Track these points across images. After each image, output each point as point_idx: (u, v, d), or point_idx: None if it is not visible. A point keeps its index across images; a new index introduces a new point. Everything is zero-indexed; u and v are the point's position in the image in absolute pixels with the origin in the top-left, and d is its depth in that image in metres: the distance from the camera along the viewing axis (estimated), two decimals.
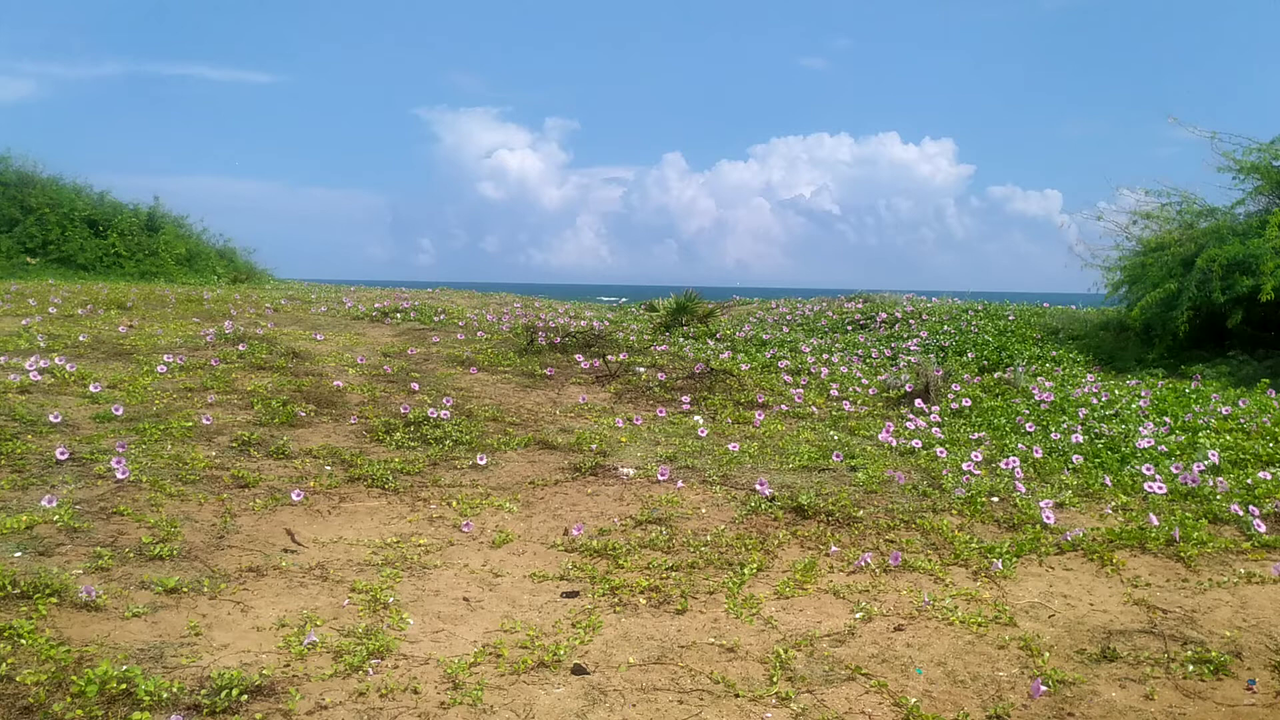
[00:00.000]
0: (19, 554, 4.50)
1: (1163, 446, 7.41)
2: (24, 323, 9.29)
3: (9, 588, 4.06)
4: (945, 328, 13.70)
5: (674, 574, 4.96)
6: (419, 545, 5.22)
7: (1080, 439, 7.69)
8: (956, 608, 4.65)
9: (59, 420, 6.27)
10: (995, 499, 6.27)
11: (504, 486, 6.25)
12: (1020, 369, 10.75)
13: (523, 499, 6.04)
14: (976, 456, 7.08)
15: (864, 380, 10.12)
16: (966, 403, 8.99)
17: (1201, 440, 7.53)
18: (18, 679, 3.42)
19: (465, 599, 4.60)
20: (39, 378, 7.04)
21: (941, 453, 7.23)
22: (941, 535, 5.60)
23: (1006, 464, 6.98)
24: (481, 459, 6.64)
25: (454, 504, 5.87)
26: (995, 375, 10.50)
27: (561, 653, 4.00)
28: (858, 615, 4.56)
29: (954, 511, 6.04)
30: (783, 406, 8.73)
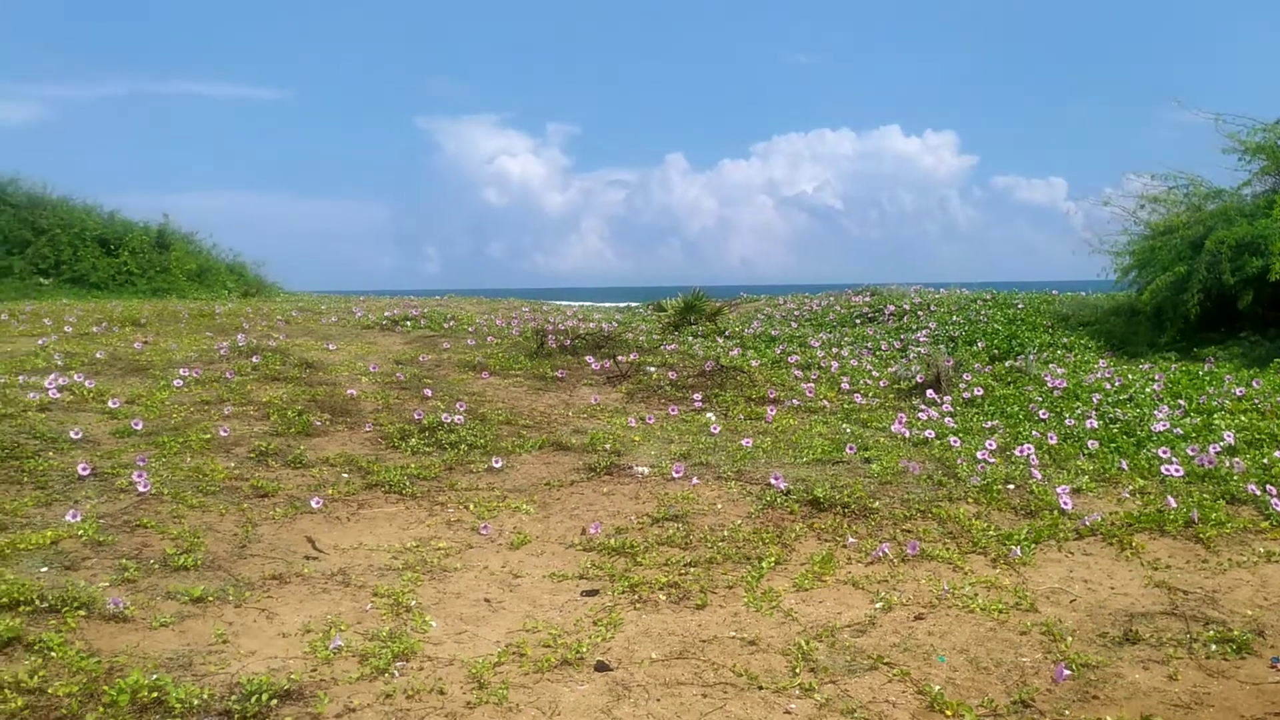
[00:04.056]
0: (45, 569, 4.55)
1: (1178, 429, 7.41)
2: (40, 342, 9.37)
3: (37, 602, 4.11)
4: (954, 318, 13.70)
5: (692, 570, 4.98)
6: (438, 549, 5.25)
7: (1095, 424, 7.69)
8: (977, 595, 4.67)
9: (80, 436, 6.32)
10: (1011, 486, 6.28)
11: (520, 488, 6.28)
12: (1031, 356, 10.75)
13: (539, 500, 6.08)
14: (991, 445, 7.09)
15: (874, 373, 10.13)
16: (978, 392, 8.99)
17: (1216, 422, 7.53)
18: (50, 691, 3.46)
19: (486, 600, 4.63)
20: (58, 395, 7.10)
21: (955, 442, 7.24)
22: (959, 524, 5.62)
23: (1021, 451, 6.98)
24: (497, 462, 6.67)
25: (471, 507, 5.90)
26: (1006, 364, 10.50)
27: (584, 650, 4.03)
28: (878, 605, 4.58)
29: (970, 500, 6.05)
30: (794, 401, 8.74)
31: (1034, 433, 7.55)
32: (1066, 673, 3.86)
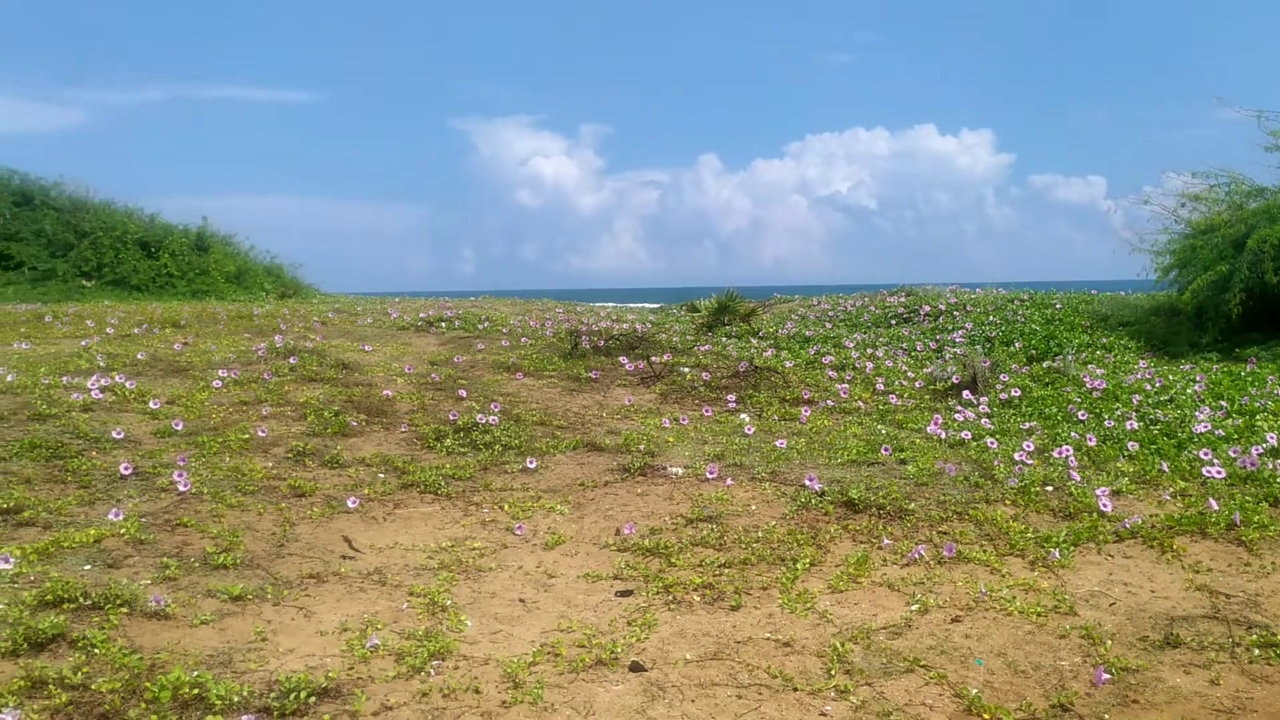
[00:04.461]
0: (89, 567, 4.62)
1: (1220, 431, 7.30)
2: (84, 343, 9.52)
3: (81, 599, 4.18)
4: (991, 318, 13.58)
5: (727, 571, 4.98)
6: (473, 549, 5.28)
7: (1135, 426, 7.59)
8: (1015, 598, 4.62)
9: (122, 436, 6.42)
10: (1050, 488, 6.21)
11: (554, 489, 6.31)
12: (1070, 357, 10.63)
13: (573, 501, 6.09)
14: (1028, 446, 7.02)
15: (910, 374, 10.06)
16: (1016, 393, 8.91)
17: (1259, 423, 7.41)
18: (93, 687, 3.52)
19: (521, 600, 4.65)
20: (101, 396, 7.22)
21: (992, 443, 7.17)
22: (996, 526, 5.57)
23: (1060, 453, 6.91)
24: (531, 463, 6.70)
25: (506, 507, 5.93)
26: (1044, 364, 10.39)
27: (619, 650, 4.04)
28: (914, 607, 4.55)
29: (1008, 502, 6.00)
30: (828, 402, 8.71)
31: (1073, 434, 7.47)
32: (1106, 676, 3.81)
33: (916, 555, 5.14)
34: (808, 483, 6.15)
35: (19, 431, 6.29)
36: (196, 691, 3.48)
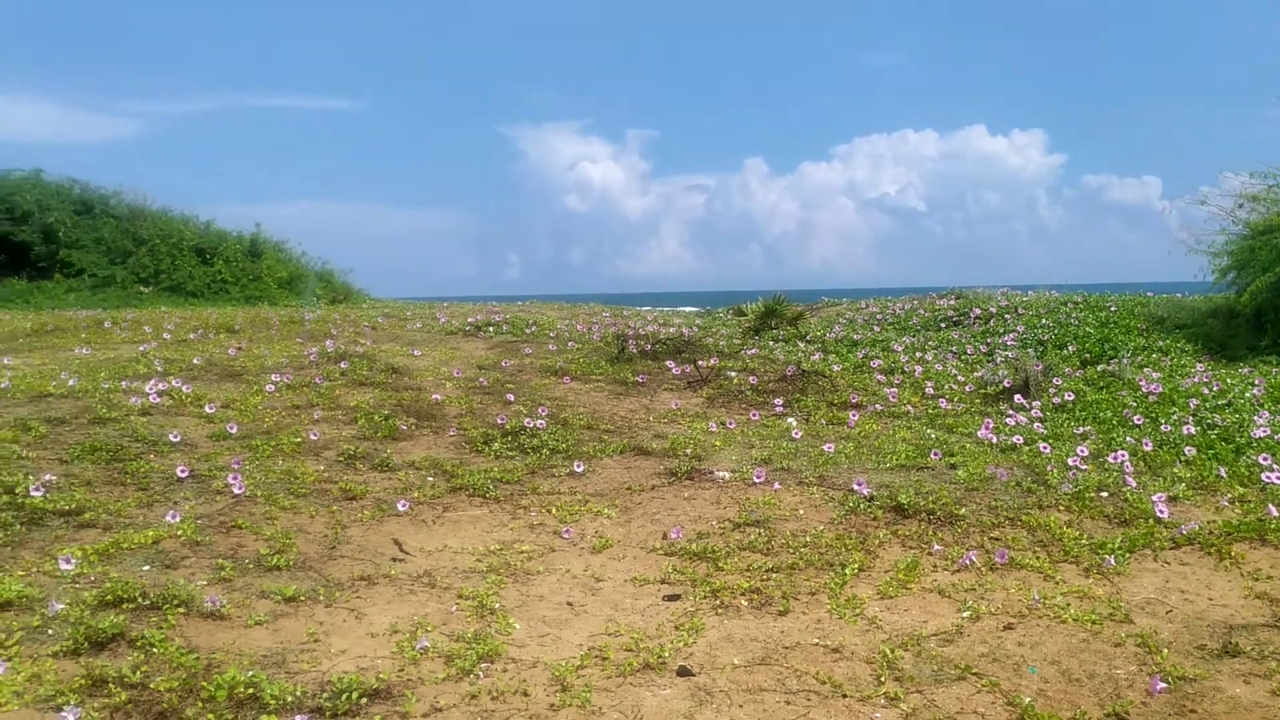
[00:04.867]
0: (147, 567, 4.72)
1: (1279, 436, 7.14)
2: (141, 349, 9.72)
3: (139, 599, 4.27)
4: (1043, 321, 13.39)
5: (774, 575, 4.96)
6: (521, 552, 5.31)
7: (1192, 430, 7.44)
8: (1068, 605, 4.56)
9: (178, 440, 6.54)
10: (1104, 494, 6.11)
11: (602, 493, 6.32)
12: (1125, 360, 10.45)
13: (620, 504, 6.10)
14: (1082, 451, 6.91)
15: (960, 377, 9.95)
16: (1069, 397, 8.78)
17: None
18: (152, 686, 3.59)
19: (569, 603, 4.67)
20: (158, 400, 7.36)
21: (1045, 448, 7.07)
22: (1049, 532, 5.49)
23: (1114, 458, 6.79)
24: (578, 466, 6.72)
25: (553, 511, 5.96)
26: (1098, 368, 10.22)
27: (666, 655, 4.04)
28: (965, 614, 4.50)
29: (1061, 507, 5.91)
30: (877, 406, 8.64)
31: (1128, 439, 7.34)
32: (1162, 685, 3.75)
33: (968, 561, 5.08)
34: (856, 487, 6.11)
35: (80, 435, 6.44)
36: (251, 691, 3.54)
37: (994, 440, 7.40)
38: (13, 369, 8.33)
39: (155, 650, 3.86)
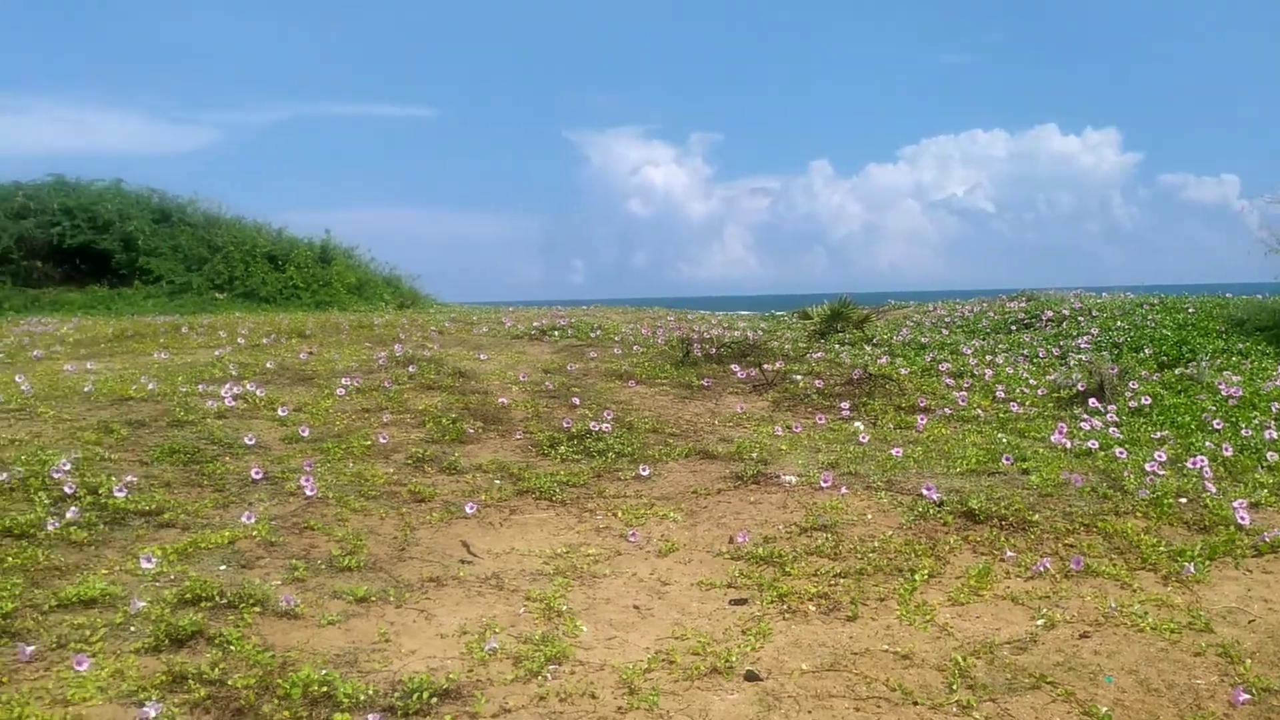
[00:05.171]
0: (224, 567, 4.83)
1: None
2: (217, 353, 9.95)
3: (217, 598, 4.37)
4: (1118, 323, 13.08)
5: (842, 581, 4.91)
6: (588, 555, 5.33)
7: (1274, 435, 7.22)
8: (1146, 614, 4.45)
9: (253, 442, 6.68)
10: (1183, 500, 5.95)
11: (667, 496, 6.32)
12: (1204, 363, 10.16)
13: (686, 508, 6.10)
14: (1160, 456, 6.74)
15: (1032, 381, 9.76)
16: (1146, 400, 8.56)
17: None
18: (229, 683, 3.68)
19: (635, 606, 4.67)
20: (233, 403, 7.53)
21: (1121, 453, 6.90)
22: (1126, 539, 5.36)
23: (1193, 463, 6.61)
24: (644, 470, 6.73)
25: (619, 514, 5.97)
26: (1176, 371, 9.96)
27: (733, 659, 4.03)
28: (1039, 622, 4.42)
29: (1138, 514, 5.77)
30: (946, 410, 8.51)
31: (1207, 444, 7.14)
32: (1245, 696, 3.64)
33: (1041, 568, 4.98)
34: (925, 492, 6.02)
35: (160, 437, 6.61)
36: (325, 689, 3.60)
37: (1068, 445, 7.25)
38: (96, 373, 8.58)
39: (233, 648, 3.95)
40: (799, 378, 9.63)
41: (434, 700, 3.60)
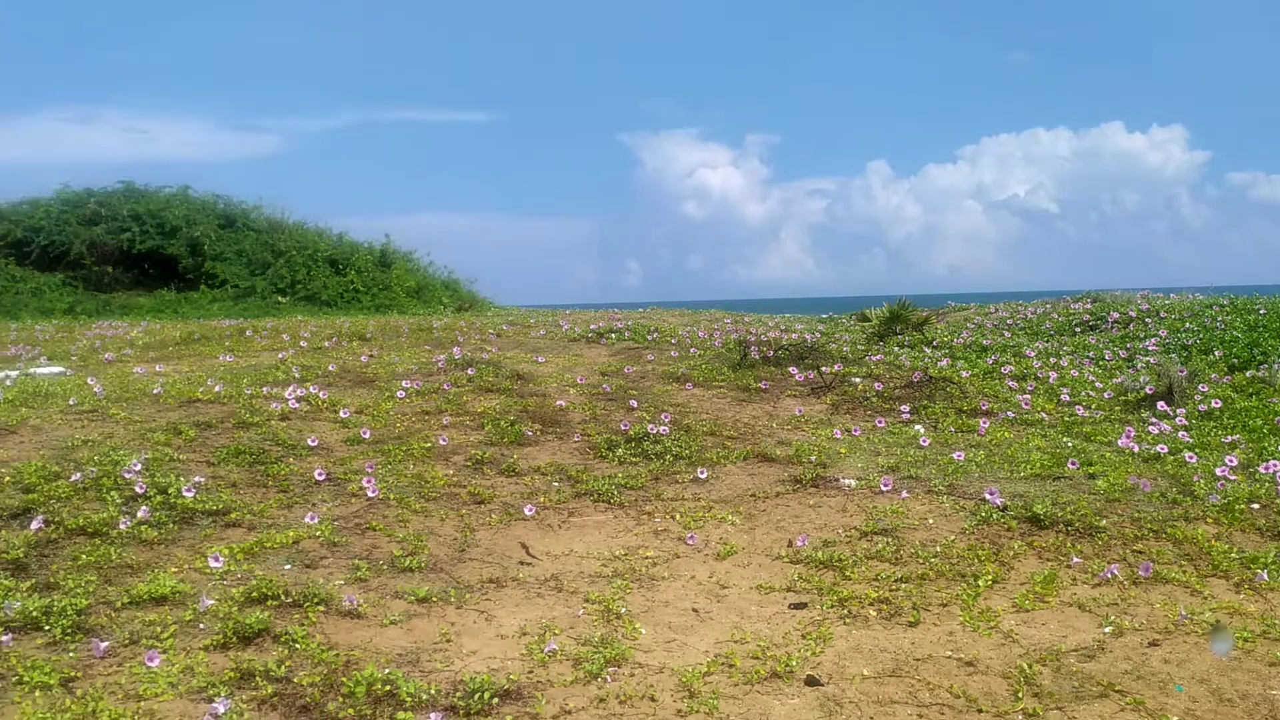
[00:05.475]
0: (288, 566, 4.91)
1: None
2: (280, 356, 10.13)
3: (282, 597, 4.45)
4: (1187, 325, 12.78)
5: (904, 585, 4.86)
6: (646, 558, 5.33)
7: None
8: (1218, 622, 4.33)
9: (315, 444, 6.79)
10: (1255, 506, 5.80)
11: (725, 499, 6.30)
12: (1276, 366, 9.88)
13: (745, 511, 6.07)
14: (1231, 461, 6.56)
15: (1097, 384, 9.57)
16: (1216, 404, 8.35)
17: None
18: (295, 680, 3.74)
19: (694, 609, 4.66)
20: (297, 405, 7.66)
21: (1191, 458, 6.74)
22: (1196, 545, 5.23)
23: (1266, 468, 6.43)
24: (702, 473, 6.72)
25: (678, 517, 5.96)
26: (1247, 374, 9.70)
27: (793, 663, 4.00)
28: (1107, 629, 4.33)
29: (1209, 520, 5.63)
30: (1009, 414, 8.38)
31: None
32: None
33: (1109, 575, 4.88)
34: (988, 497, 5.93)
35: (226, 438, 6.75)
36: (388, 688, 3.65)
37: (1135, 449, 7.10)
38: (164, 375, 8.79)
39: (298, 646, 4.02)
40: (858, 380, 9.54)
41: (495, 701, 3.63)
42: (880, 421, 8.16)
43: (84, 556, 4.78)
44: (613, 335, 12.49)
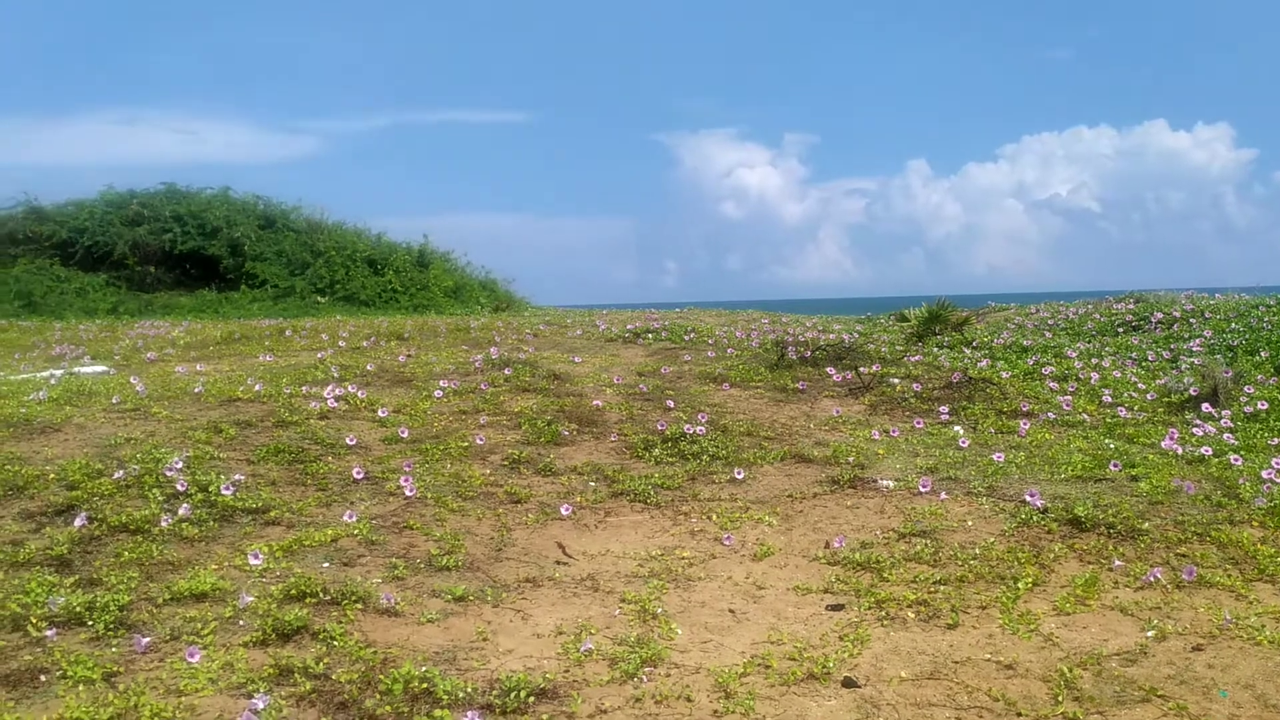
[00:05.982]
0: (327, 564, 4.96)
1: None
2: (319, 355, 10.22)
3: (321, 595, 4.49)
4: (1232, 326, 12.56)
5: (942, 588, 4.81)
6: (682, 558, 5.33)
7: None
8: (1264, 626, 4.26)
9: (354, 443, 6.85)
10: None
11: (762, 500, 6.28)
12: None
13: (782, 512, 6.04)
14: (1277, 463, 6.44)
15: (1140, 385, 9.43)
16: (1262, 406, 8.20)
17: None
18: (334, 677, 3.78)
19: (730, 610, 4.65)
20: (335, 404, 7.73)
21: (1236, 460, 6.62)
22: (1242, 549, 5.14)
23: None
24: (739, 473, 6.70)
25: (714, 517, 5.95)
26: None
27: (830, 665, 3.98)
28: (1149, 633, 4.26)
29: (1255, 523, 5.53)
30: (1049, 415, 8.28)
31: None
32: None
33: (1152, 578, 4.81)
34: (1028, 499, 5.87)
35: (266, 437, 6.82)
36: (425, 686, 3.67)
37: (1179, 451, 6.98)
38: (205, 375, 8.90)
39: (336, 643, 4.05)
40: (896, 381, 9.47)
41: (531, 699, 3.64)
42: (919, 422, 8.10)
43: (126, 553, 4.86)
44: (649, 335, 12.48)
